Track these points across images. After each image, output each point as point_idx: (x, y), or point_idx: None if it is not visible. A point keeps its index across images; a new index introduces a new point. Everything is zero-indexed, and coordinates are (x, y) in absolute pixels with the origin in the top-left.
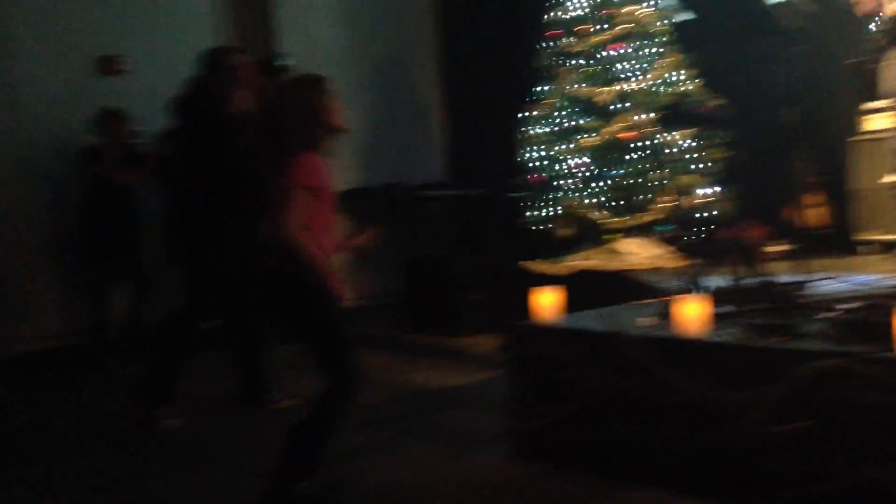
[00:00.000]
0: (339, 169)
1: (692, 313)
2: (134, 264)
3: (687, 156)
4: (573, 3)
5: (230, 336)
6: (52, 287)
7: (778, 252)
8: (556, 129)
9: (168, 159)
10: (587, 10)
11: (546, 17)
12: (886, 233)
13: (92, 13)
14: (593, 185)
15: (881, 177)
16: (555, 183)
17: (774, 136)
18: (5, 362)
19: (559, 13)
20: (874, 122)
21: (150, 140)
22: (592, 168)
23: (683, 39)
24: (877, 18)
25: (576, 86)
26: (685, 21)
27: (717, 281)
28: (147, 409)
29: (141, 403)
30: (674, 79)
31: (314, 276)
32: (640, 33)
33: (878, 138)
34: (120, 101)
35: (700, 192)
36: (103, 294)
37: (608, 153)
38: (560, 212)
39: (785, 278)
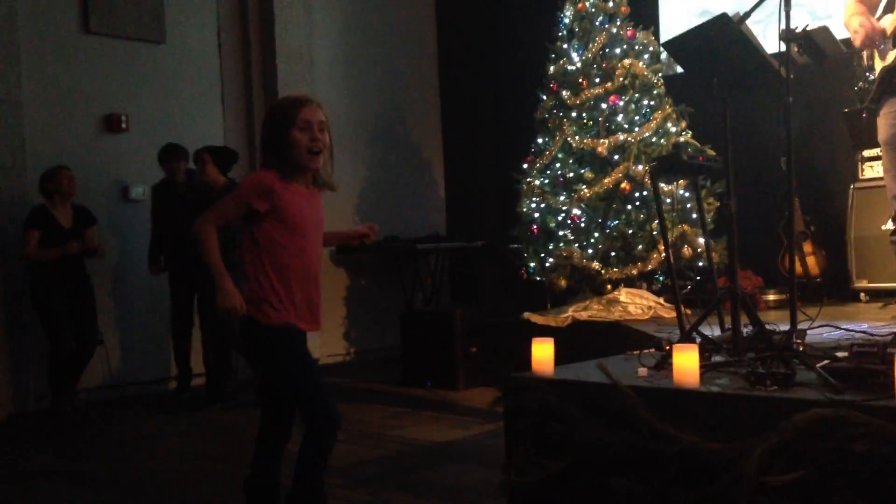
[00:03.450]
0: (340, 222)
1: (688, 363)
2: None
3: (683, 206)
4: (571, 58)
5: None
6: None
7: (774, 300)
8: (555, 180)
9: None
10: (586, 64)
11: (545, 70)
12: (886, 281)
13: (97, 76)
14: (592, 235)
15: (881, 224)
16: (553, 234)
17: (771, 186)
18: None
19: (558, 67)
20: (874, 170)
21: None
22: (591, 219)
23: (678, 91)
24: (868, 73)
25: (576, 137)
26: (678, 74)
27: (712, 330)
28: None
29: None
30: (671, 129)
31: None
32: (636, 86)
33: (877, 185)
34: (124, 158)
35: (696, 241)
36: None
37: (606, 204)
38: (558, 263)
39: (782, 327)
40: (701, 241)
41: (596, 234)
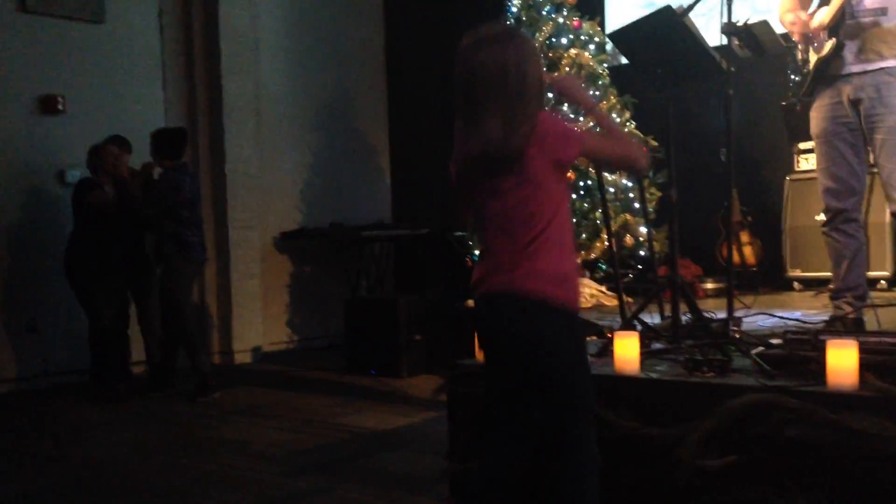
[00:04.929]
0: (284, 209)
1: (629, 350)
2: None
3: (626, 195)
4: None
5: None
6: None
7: (713, 289)
8: None
9: None
10: None
11: None
12: (819, 270)
13: (33, 56)
14: None
15: (815, 215)
16: None
17: (710, 176)
18: None
19: None
20: (809, 162)
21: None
22: None
23: (623, 82)
24: (803, 66)
25: None
26: (623, 65)
27: (652, 318)
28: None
29: None
30: (615, 120)
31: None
32: (582, 76)
33: (812, 177)
34: (61, 140)
35: (637, 230)
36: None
37: None
38: None
39: (719, 314)
40: (643, 230)
41: None
